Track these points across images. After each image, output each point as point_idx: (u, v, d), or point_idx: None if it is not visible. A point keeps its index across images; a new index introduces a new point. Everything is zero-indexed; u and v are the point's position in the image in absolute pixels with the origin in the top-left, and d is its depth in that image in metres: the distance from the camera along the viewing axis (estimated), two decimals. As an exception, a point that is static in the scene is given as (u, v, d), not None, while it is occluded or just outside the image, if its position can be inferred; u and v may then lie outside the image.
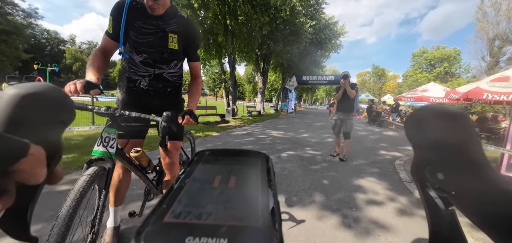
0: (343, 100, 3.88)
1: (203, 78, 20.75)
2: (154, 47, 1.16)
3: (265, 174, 0.25)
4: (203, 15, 9.26)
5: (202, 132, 5.78)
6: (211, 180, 0.23)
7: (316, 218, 1.87)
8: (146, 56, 1.17)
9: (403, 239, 1.67)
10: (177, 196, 0.20)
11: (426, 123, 0.29)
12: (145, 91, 1.23)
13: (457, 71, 38.43)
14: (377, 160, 4.09)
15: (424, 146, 0.30)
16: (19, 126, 0.20)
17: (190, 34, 1.22)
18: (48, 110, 0.24)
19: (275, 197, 0.20)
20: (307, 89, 33.85)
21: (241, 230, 0.15)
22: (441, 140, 0.27)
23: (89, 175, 0.87)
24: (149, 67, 1.19)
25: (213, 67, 15.62)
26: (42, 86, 0.23)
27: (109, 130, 0.98)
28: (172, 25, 1.16)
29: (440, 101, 11.48)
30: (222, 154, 0.31)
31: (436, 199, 0.29)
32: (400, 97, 13.98)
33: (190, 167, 0.26)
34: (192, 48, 1.27)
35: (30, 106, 0.21)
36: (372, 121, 12.42)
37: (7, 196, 0.17)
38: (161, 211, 0.17)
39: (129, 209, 1.46)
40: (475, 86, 6.84)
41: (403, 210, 2.15)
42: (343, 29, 17.42)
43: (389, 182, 2.88)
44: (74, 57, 45.18)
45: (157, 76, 1.22)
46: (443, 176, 0.28)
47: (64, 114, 0.26)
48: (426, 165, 0.30)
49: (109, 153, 0.96)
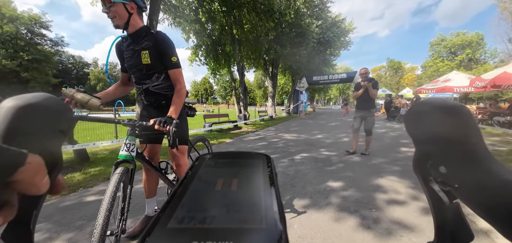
0: (363, 98, 3.88)
1: (215, 87, 21.18)
2: (134, 67, 1.36)
3: (267, 175, 0.25)
4: (210, 27, 9.59)
5: (216, 140, 5.90)
6: (213, 183, 0.23)
7: (332, 220, 1.82)
8: (133, 76, 1.42)
9: (428, 239, 1.56)
10: (180, 201, 0.20)
11: (425, 117, 0.29)
12: (147, 105, 1.48)
13: (482, 56, 35.65)
14: (398, 158, 3.89)
15: (424, 140, 0.30)
16: (18, 136, 0.21)
17: (160, 46, 1.31)
18: (46, 120, 0.24)
19: (278, 198, 0.20)
20: (318, 89, 33.23)
21: (246, 232, 0.15)
22: (440, 133, 0.28)
23: (119, 174, 1.09)
24: (138, 84, 1.41)
25: (223, 76, 15.96)
26: (40, 96, 0.23)
27: (130, 138, 1.22)
28: (143, 43, 1.32)
29: (465, 91, 10.68)
30: (223, 157, 0.32)
31: (440, 193, 0.29)
32: (420, 90, 13.18)
33: (192, 171, 0.27)
34: (165, 58, 1.33)
35: (28, 117, 0.22)
36: (391, 117, 11.84)
37: (9, 208, 0.17)
38: (164, 217, 0.18)
39: (155, 207, 1.68)
40: (502, 71, 6.32)
41: (427, 208, 2.01)
42: (352, 25, 17.02)
43: (412, 180, 2.72)
44: (97, 78, 48.71)
45: (146, 91, 1.41)
46: (445, 170, 0.28)
47: (63, 124, 0.26)
48: (427, 159, 0.30)
49: (131, 155, 1.20)
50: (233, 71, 12.47)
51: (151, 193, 1.63)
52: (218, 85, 57.85)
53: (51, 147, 0.24)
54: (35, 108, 0.22)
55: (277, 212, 0.18)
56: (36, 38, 31.52)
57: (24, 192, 0.18)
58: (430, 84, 13.33)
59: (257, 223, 0.16)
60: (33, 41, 30.70)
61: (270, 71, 15.36)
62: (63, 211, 1.97)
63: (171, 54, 1.34)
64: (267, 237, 0.15)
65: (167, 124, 1.10)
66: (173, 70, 1.35)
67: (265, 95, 52.45)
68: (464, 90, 10.69)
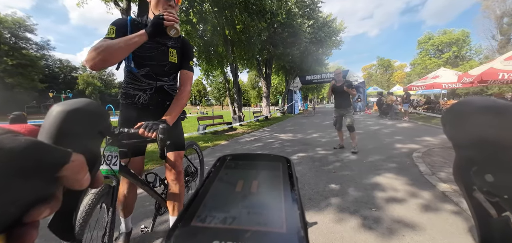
0: (338, 97, 4.17)
1: (208, 89, 21.08)
2: (156, 60, 1.22)
3: (287, 178, 0.25)
4: (202, 28, 9.46)
5: (210, 142, 5.79)
6: (234, 184, 0.24)
7: (333, 222, 1.77)
8: (149, 69, 1.22)
9: (430, 238, 1.55)
10: (203, 200, 0.21)
11: (468, 118, 0.25)
12: (144, 106, 1.27)
13: (467, 53, 36.92)
14: (393, 154, 3.92)
15: (466, 145, 0.26)
16: (65, 137, 0.23)
17: (186, 48, 1.32)
18: (88, 123, 0.26)
19: (299, 202, 0.20)
20: (312, 88, 33.52)
21: (266, 235, 0.15)
22: (487, 137, 0.24)
23: (94, 194, 0.88)
24: (152, 79, 1.25)
25: (216, 77, 15.83)
26: (83, 102, 0.26)
27: (111, 149, 1.00)
28: (170, 41, 1.25)
29: (453, 86, 11.02)
30: (243, 159, 0.31)
31: (486, 204, 0.25)
32: (410, 87, 13.54)
33: (213, 172, 0.27)
34: (185, 59, 1.32)
35: (74, 120, 0.24)
36: (383, 114, 12.06)
37: (56, 200, 0.19)
38: (188, 215, 0.18)
39: (141, 224, 1.46)
40: (488, 67, 6.51)
41: (427, 205, 2.01)
42: (342, 25, 17.24)
43: (409, 177, 2.73)
44: (86, 82, 47.21)
45: (159, 88, 1.28)
46: (493, 178, 0.24)
47: (101, 126, 0.29)
48: (471, 166, 0.26)
49: (113, 170, 0.98)
50: (227, 72, 12.38)
51: (130, 211, 1.43)
52: (211, 87, 57.43)
53: (92, 147, 0.26)
54: (80, 112, 0.25)
55: (299, 217, 0.18)
56: (21, 42, 30.31)
57: (69, 186, 0.20)
58: (420, 81, 13.71)
59: (277, 226, 0.16)
60: (18, 45, 29.51)
61: (263, 72, 15.35)
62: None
63: (192, 57, 1.36)
64: (288, 241, 0.15)
65: (154, 130, 0.98)
66: (187, 71, 1.30)
67: (259, 96, 52.55)
68: (452, 86, 11.04)
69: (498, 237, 0.25)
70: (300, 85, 19.27)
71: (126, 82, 1.26)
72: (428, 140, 5.26)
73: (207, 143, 5.66)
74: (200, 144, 5.51)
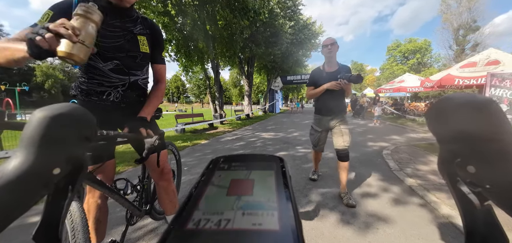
0: (328, 95, 2.23)
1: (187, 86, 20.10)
2: (125, 51, 1.01)
3: (281, 178, 0.25)
4: (181, 21, 9.05)
5: (189, 141, 5.58)
6: (227, 186, 0.24)
7: (314, 219, 1.82)
8: (118, 63, 1.00)
9: (400, 229, 1.67)
10: (196, 203, 0.21)
11: (450, 114, 0.27)
12: (115, 104, 1.07)
13: (429, 61, 41.18)
14: (366, 152, 4.18)
15: (449, 139, 0.28)
16: (49, 144, 0.22)
17: (157, 36, 1.14)
18: (74, 128, 0.25)
19: (293, 201, 0.20)
20: (292, 88, 34.38)
21: (260, 235, 0.16)
22: (468, 131, 0.25)
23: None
24: (123, 74, 1.04)
25: (196, 73, 15.29)
26: (67, 106, 0.25)
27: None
28: (137, 27, 1.05)
29: (416, 90, 12.21)
30: (237, 160, 0.31)
31: (469, 195, 0.27)
32: (379, 90, 14.69)
33: (206, 174, 0.27)
34: (158, 50, 1.16)
35: (59, 126, 0.23)
36: (356, 114, 12.83)
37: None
38: (182, 219, 0.18)
39: (111, 236, 1.31)
40: (446, 74, 7.33)
41: (396, 199, 2.17)
42: (321, 28, 17.94)
43: (380, 173, 2.93)
44: (46, 74, 42.09)
45: (133, 84, 1.09)
46: (475, 169, 0.25)
47: (87, 131, 0.27)
48: (454, 158, 0.28)
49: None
50: (208, 68, 12.04)
51: (102, 235, 1.18)
52: (191, 83, 55.55)
53: (77, 153, 0.26)
54: (64, 118, 0.24)
55: (292, 215, 0.18)
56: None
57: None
58: (388, 84, 14.96)
59: (272, 225, 0.17)
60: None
61: (245, 70, 15.28)
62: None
63: (163, 48, 1.20)
64: (283, 240, 0.15)
65: (139, 127, 0.89)
66: (161, 65, 1.17)
67: (241, 94, 52.24)
68: (415, 90, 12.26)
69: (482, 225, 0.26)
70: (281, 85, 19.62)
71: (87, 76, 1.01)
72: (395, 138, 5.74)
73: (186, 142, 5.44)
74: (179, 144, 5.27)
